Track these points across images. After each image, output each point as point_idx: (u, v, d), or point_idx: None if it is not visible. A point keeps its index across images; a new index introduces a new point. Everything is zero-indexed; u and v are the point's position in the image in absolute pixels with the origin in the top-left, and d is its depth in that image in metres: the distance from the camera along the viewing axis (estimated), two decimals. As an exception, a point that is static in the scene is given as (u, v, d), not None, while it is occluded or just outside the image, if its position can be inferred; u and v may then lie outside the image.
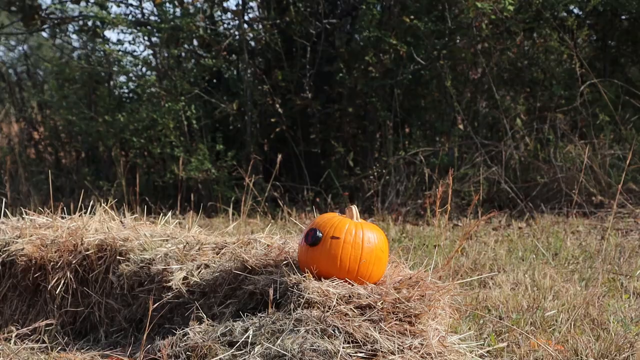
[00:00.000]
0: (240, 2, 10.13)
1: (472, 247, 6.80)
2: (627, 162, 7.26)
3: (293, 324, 3.81)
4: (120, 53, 10.09)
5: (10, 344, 4.30)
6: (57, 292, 4.63)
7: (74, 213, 5.16)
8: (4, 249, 4.85)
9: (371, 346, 3.76)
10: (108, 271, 4.68)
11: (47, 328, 4.53)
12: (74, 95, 10.23)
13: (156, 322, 4.34)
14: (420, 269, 4.39)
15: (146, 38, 10.07)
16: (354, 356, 3.71)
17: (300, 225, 5.81)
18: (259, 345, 3.76)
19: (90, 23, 10.34)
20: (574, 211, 8.21)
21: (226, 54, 9.77)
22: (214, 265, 4.41)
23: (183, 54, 10.02)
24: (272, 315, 3.90)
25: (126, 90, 10.61)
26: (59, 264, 4.68)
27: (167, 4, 9.82)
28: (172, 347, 3.91)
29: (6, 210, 5.56)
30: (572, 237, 7.26)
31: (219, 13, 10.30)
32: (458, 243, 5.66)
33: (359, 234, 4.13)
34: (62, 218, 5.15)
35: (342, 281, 4.09)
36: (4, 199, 7.07)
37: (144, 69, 10.26)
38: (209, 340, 3.86)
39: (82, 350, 4.40)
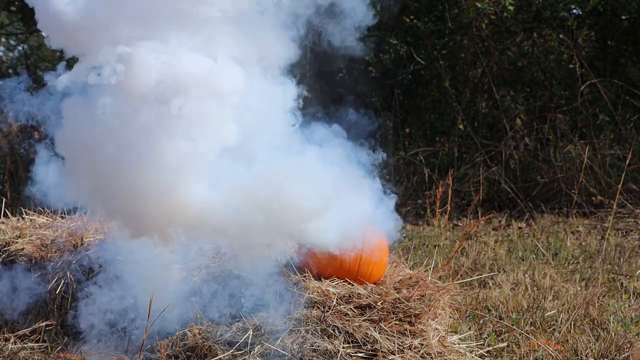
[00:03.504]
0: (240, 2, 10.12)
1: (472, 247, 6.80)
2: (627, 162, 7.27)
3: (293, 324, 3.82)
4: (120, 53, 10.07)
5: (10, 344, 4.30)
6: (57, 292, 4.63)
7: (74, 213, 5.16)
8: (4, 249, 4.85)
9: (371, 346, 3.76)
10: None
11: (47, 328, 4.53)
12: (73, 95, 10.20)
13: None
14: (420, 269, 4.40)
15: (146, 38, 10.05)
16: (354, 356, 3.71)
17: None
18: (259, 345, 3.77)
19: (90, 23, 10.32)
20: (574, 211, 8.21)
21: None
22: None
23: (183, 54, 10.01)
24: (272, 315, 3.90)
25: (126, 90, 10.59)
26: (59, 264, 4.68)
27: (167, 4, 9.80)
28: (171, 347, 3.91)
29: (6, 210, 5.56)
30: (572, 237, 7.26)
31: (219, 13, 10.29)
32: (458, 243, 5.66)
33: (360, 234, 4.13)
34: (62, 218, 5.15)
35: (342, 281, 4.09)
36: (4, 199, 7.07)
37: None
38: (208, 340, 3.86)
39: (82, 350, 4.39)
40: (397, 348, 3.75)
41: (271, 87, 3.92)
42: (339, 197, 3.85)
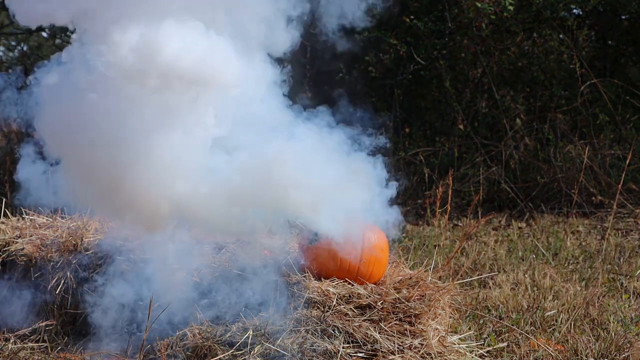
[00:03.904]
0: (240, 2, 10.11)
1: (472, 247, 6.80)
2: (627, 162, 7.27)
3: (293, 324, 3.81)
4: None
5: (10, 344, 4.30)
6: (57, 292, 4.63)
7: (74, 213, 5.16)
8: (4, 249, 4.85)
9: (371, 346, 3.76)
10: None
11: (47, 328, 4.53)
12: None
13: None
14: (420, 269, 4.40)
15: (146, 38, 10.05)
16: (354, 356, 3.71)
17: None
18: (259, 345, 3.76)
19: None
20: (574, 211, 8.21)
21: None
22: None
23: (183, 54, 10.00)
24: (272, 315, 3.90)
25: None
26: (59, 264, 4.68)
27: (167, 4, 9.80)
28: (171, 347, 3.91)
29: (6, 210, 5.56)
30: (572, 237, 7.26)
31: (219, 13, 10.29)
32: (458, 243, 5.66)
33: (359, 233, 4.12)
34: (62, 218, 5.15)
35: (342, 281, 4.09)
36: (4, 199, 7.07)
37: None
38: (208, 340, 3.86)
39: (82, 350, 4.40)
40: (397, 348, 3.75)
41: (263, 70, 3.89)
42: (338, 187, 3.84)
